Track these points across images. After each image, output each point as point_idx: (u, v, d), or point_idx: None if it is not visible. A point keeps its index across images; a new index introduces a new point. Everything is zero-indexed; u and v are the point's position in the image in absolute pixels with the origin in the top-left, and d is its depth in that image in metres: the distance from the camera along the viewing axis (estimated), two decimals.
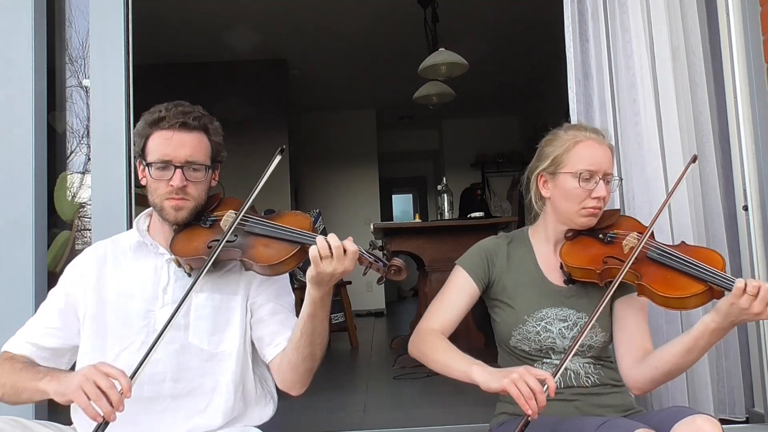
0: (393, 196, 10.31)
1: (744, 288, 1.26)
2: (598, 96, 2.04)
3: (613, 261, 1.44)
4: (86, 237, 2.22)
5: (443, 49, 4.22)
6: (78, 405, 1.12)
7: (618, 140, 2.03)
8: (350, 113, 7.77)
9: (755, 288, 1.26)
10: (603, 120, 2.02)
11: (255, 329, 1.44)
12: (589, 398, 1.46)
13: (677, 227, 1.96)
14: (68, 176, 2.31)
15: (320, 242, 1.23)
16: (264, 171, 1.32)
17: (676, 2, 2.08)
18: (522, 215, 4.55)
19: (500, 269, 1.55)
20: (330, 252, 1.22)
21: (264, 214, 1.42)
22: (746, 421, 1.99)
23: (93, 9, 2.04)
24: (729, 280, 1.31)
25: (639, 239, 1.46)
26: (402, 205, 10.66)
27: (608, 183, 1.49)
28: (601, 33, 2.05)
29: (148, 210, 1.47)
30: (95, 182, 1.98)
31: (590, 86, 2.06)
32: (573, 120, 2.03)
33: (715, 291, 1.35)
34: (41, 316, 1.42)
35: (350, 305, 4.48)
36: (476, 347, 3.34)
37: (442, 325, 1.51)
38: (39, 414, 1.81)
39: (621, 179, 1.99)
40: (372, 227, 3.83)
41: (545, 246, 1.58)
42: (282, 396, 1.49)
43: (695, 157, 1.54)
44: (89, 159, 2.05)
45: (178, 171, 1.35)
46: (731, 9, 2.05)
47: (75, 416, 1.38)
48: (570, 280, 1.51)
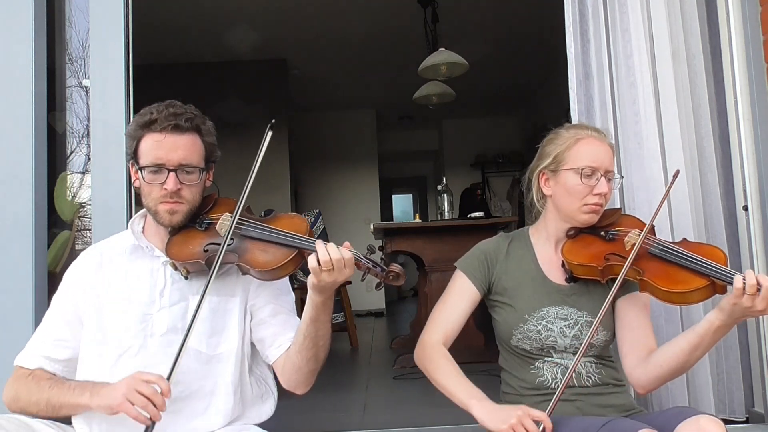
0: (393, 196, 10.32)
1: (743, 287, 1.26)
2: (599, 96, 2.04)
3: (615, 258, 1.45)
4: (86, 237, 2.22)
5: (443, 49, 4.22)
6: (127, 415, 1.18)
7: (618, 140, 2.03)
8: (350, 113, 7.77)
9: (753, 287, 1.26)
10: (604, 120, 2.02)
11: (256, 331, 1.43)
12: (590, 398, 1.46)
13: (678, 227, 1.96)
14: (68, 176, 2.30)
15: (321, 252, 1.22)
16: (258, 152, 1.31)
17: (676, 2, 2.08)
18: (522, 215, 4.56)
19: (500, 270, 1.56)
20: (331, 264, 1.22)
21: (264, 215, 1.41)
22: (746, 421, 1.99)
23: (93, 9, 2.04)
24: (731, 274, 1.31)
25: (640, 235, 1.46)
26: (402, 205, 10.66)
27: (610, 180, 1.50)
28: (602, 33, 2.05)
29: (142, 211, 1.45)
30: (95, 182, 1.98)
31: (591, 86, 2.06)
32: (574, 120, 2.03)
33: (718, 285, 1.35)
34: (48, 328, 1.41)
35: (350, 305, 4.48)
36: (476, 347, 3.34)
37: (446, 334, 1.51)
38: None
39: (622, 177, 1.99)
40: (372, 227, 3.83)
41: (546, 245, 1.58)
42: (282, 396, 1.49)
43: (677, 173, 1.54)
44: (89, 159, 2.05)
45: (172, 174, 1.33)
46: (731, 9, 2.05)
47: (75, 417, 1.37)
48: (572, 278, 1.51)
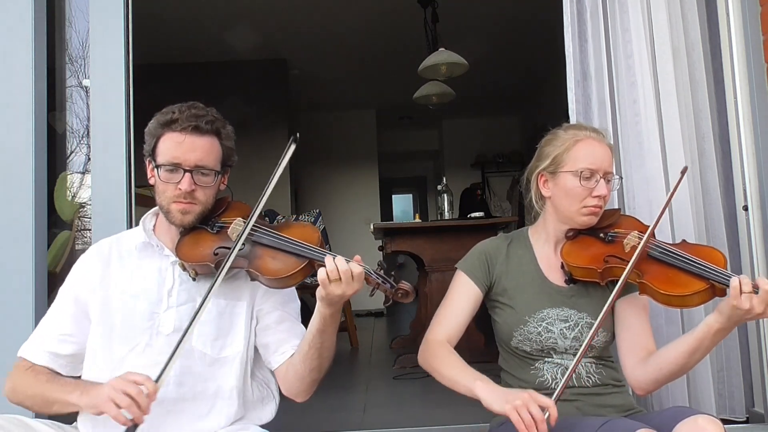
0: (393, 196, 10.32)
1: (740, 289, 1.26)
2: (597, 96, 2.04)
3: (615, 260, 1.44)
4: (86, 237, 2.22)
5: (443, 49, 4.22)
6: (109, 415, 1.16)
7: (618, 140, 2.03)
8: (350, 113, 7.78)
9: (749, 285, 1.26)
10: (602, 120, 2.02)
11: (261, 336, 1.43)
12: (590, 398, 1.46)
13: (678, 227, 1.96)
14: (68, 176, 2.30)
15: (329, 265, 1.22)
16: (277, 165, 1.30)
17: (677, 2, 2.08)
18: (522, 215, 4.56)
19: (500, 270, 1.55)
20: (339, 276, 1.21)
21: (264, 215, 1.41)
22: (746, 421, 1.99)
23: (93, 9, 2.04)
24: (730, 277, 1.31)
25: (640, 238, 1.46)
26: (402, 205, 10.67)
27: (609, 182, 1.50)
28: (601, 33, 2.05)
29: (155, 209, 1.45)
30: (95, 182, 1.98)
31: (589, 86, 2.06)
32: (572, 120, 2.03)
33: (717, 288, 1.35)
34: (54, 322, 1.41)
35: (350, 305, 4.48)
36: (476, 347, 3.34)
37: (449, 334, 1.51)
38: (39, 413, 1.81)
39: (621, 178, 1.99)
40: (372, 227, 3.83)
41: (545, 246, 1.58)
42: (283, 396, 1.49)
43: (686, 169, 1.54)
44: (89, 159, 2.05)
45: (187, 175, 1.33)
46: (731, 9, 2.05)
47: (80, 417, 1.37)
48: (571, 280, 1.50)
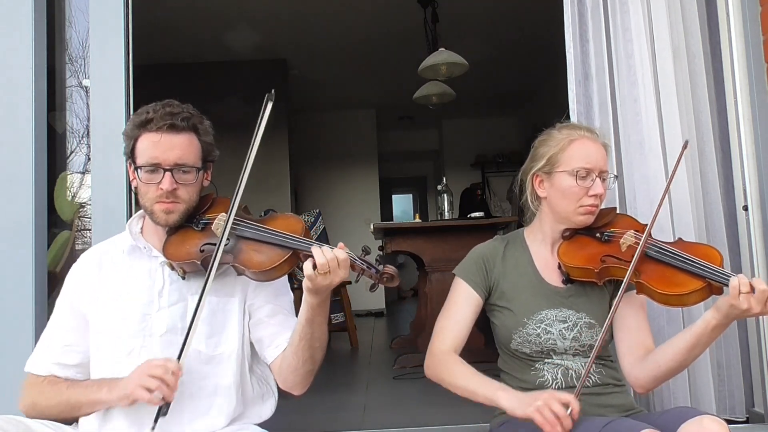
0: (393, 196, 10.32)
1: (738, 289, 1.26)
2: (599, 96, 2.04)
3: (611, 260, 1.44)
4: (86, 237, 2.22)
5: (443, 49, 4.22)
6: (142, 400, 1.20)
7: (619, 139, 2.03)
8: (350, 113, 7.77)
9: (747, 285, 1.26)
10: (603, 120, 2.02)
11: (254, 331, 1.43)
12: (591, 398, 1.45)
13: (678, 227, 1.96)
14: (68, 176, 2.30)
15: (317, 257, 1.22)
16: (257, 127, 1.31)
17: (677, 2, 2.08)
18: (521, 216, 4.55)
19: (498, 273, 1.55)
20: (327, 268, 1.22)
21: (264, 215, 1.41)
22: (746, 421, 1.99)
23: (93, 9, 2.04)
24: (727, 276, 1.32)
25: (637, 237, 1.46)
26: (402, 205, 10.67)
27: (604, 180, 1.50)
28: (602, 33, 2.05)
29: (141, 212, 1.45)
30: (95, 182, 1.98)
31: (590, 86, 2.06)
32: (573, 120, 2.03)
33: (714, 287, 1.35)
34: (55, 334, 1.41)
35: (350, 305, 4.48)
36: (476, 347, 3.33)
37: (454, 343, 1.50)
38: None
39: (616, 176, 1.99)
40: (372, 227, 3.83)
41: (542, 247, 1.58)
42: (282, 396, 1.49)
43: (686, 143, 1.54)
44: (89, 159, 2.05)
45: (168, 174, 1.32)
46: (731, 9, 2.05)
47: (82, 418, 1.37)
48: (568, 280, 1.50)
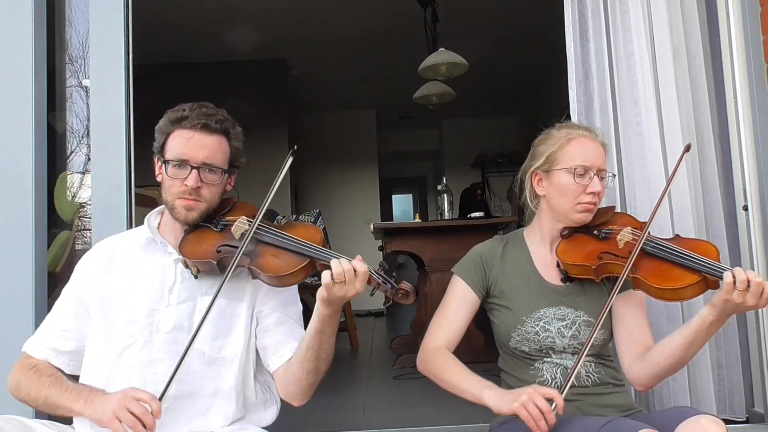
0: (393, 196, 10.32)
1: (733, 283, 1.27)
2: (599, 96, 2.04)
3: (608, 256, 1.45)
4: (86, 237, 2.22)
5: (443, 49, 4.22)
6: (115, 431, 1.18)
7: (619, 139, 2.03)
8: (350, 113, 7.77)
9: (744, 283, 1.26)
10: (604, 120, 2.03)
11: (260, 338, 1.43)
12: (590, 398, 1.46)
13: (678, 227, 1.95)
14: (68, 176, 2.30)
15: (335, 267, 1.23)
16: (277, 175, 1.33)
17: (677, 2, 2.08)
18: (521, 215, 4.55)
19: (496, 272, 1.56)
20: (344, 278, 1.22)
21: (265, 215, 1.42)
22: (746, 421, 1.99)
23: (93, 9, 2.04)
24: (721, 270, 1.32)
25: (635, 234, 1.47)
26: (402, 205, 10.67)
27: (602, 179, 1.50)
28: (602, 32, 2.06)
29: (160, 207, 1.47)
30: (95, 182, 1.98)
31: (591, 86, 2.06)
32: (573, 119, 2.03)
33: (710, 281, 1.36)
34: (56, 318, 1.42)
35: (350, 305, 4.48)
36: (476, 347, 3.34)
37: (448, 340, 1.51)
38: (39, 413, 1.81)
39: (614, 175, 1.99)
40: (372, 227, 3.83)
41: (541, 246, 1.58)
42: (283, 400, 1.49)
43: (689, 146, 1.56)
44: (89, 159, 2.05)
45: (194, 171, 1.35)
46: (731, 9, 2.05)
47: (76, 418, 1.37)
48: (567, 278, 1.51)
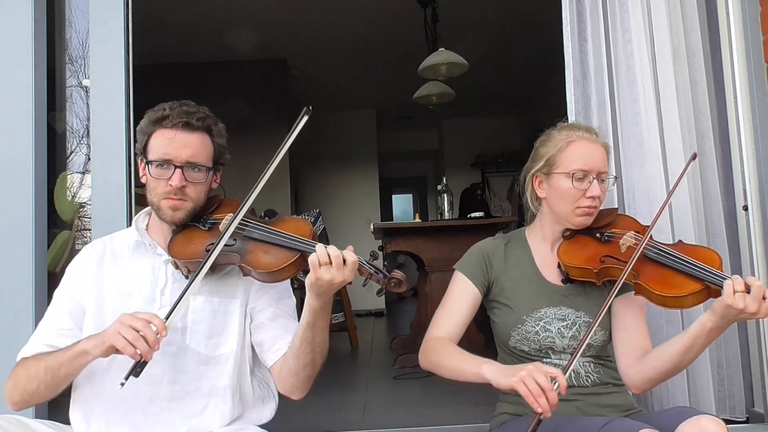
0: (393, 196, 10.32)
1: (733, 288, 1.26)
2: (597, 96, 2.04)
3: (611, 260, 1.44)
4: (86, 237, 2.22)
5: (443, 49, 4.22)
6: (117, 346, 1.16)
7: (618, 140, 2.03)
8: (350, 113, 7.77)
9: (743, 285, 1.26)
10: (601, 119, 2.03)
11: (255, 334, 1.43)
12: (590, 398, 1.46)
13: (678, 228, 1.96)
14: (68, 176, 2.31)
15: (320, 249, 1.22)
16: (288, 135, 1.32)
17: (677, 2, 2.08)
18: (522, 215, 4.55)
19: (498, 270, 1.55)
20: (329, 259, 1.21)
21: (264, 214, 1.41)
22: (746, 421, 1.99)
23: (93, 9, 2.04)
24: (723, 278, 1.32)
25: (637, 238, 1.46)
26: (402, 205, 10.67)
27: (603, 182, 1.49)
28: (600, 32, 2.06)
29: (147, 209, 1.46)
30: (95, 182, 1.98)
31: (588, 86, 2.06)
32: (571, 119, 2.03)
33: (712, 289, 1.35)
34: (51, 320, 1.41)
35: (350, 305, 4.48)
36: (476, 348, 3.32)
37: (449, 333, 1.51)
38: (39, 413, 1.81)
39: (616, 177, 1.99)
40: (372, 227, 3.83)
41: (543, 245, 1.58)
42: (282, 397, 1.49)
43: (695, 155, 1.55)
44: (89, 159, 2.05)
45: (178, 171, 1.33)
46: (731, 9, 2.05)
47: (72, 415, 1.38)
48: (567, 280, 1.51)
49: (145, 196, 1.42)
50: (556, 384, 1.19)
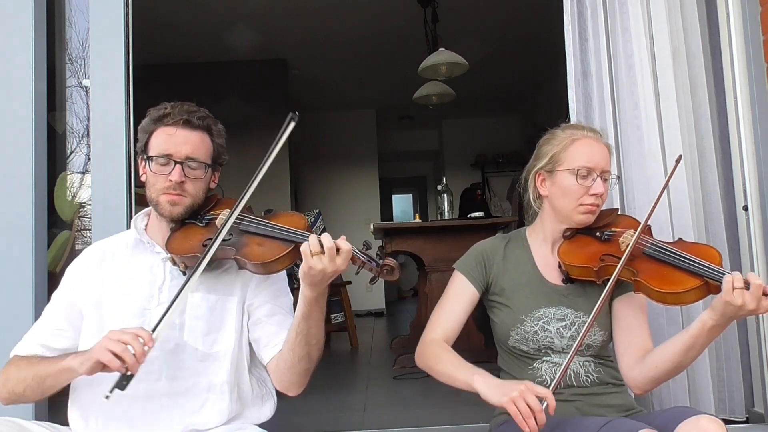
0: (393, 196, 10.32)
1: (732, 284, 1.26)
2: (598, 95, 2.04)
3: (611, 258, 1.45)
4: (86, 237, 2.22)
5: (443, 49, 4.22)
6: (102, 361, 1.16)
7: (618, 140, 2.03)
8: (350, 113, 7.77)
9: (740, 280, 1.26)
10: (602, 120, 2.03)
11: (252, 330, 1.44)
12: (590, 398, 1.46)
13: (678, 228, 1.96)
14: (68, 176, 2.30)
15: (312, 239, 1.23)
16: (274, 142, 1.29)
17: (677, 2, 2.08)
18: (522, 215, 4.55)
19: (497, 270, 1.56)
20: (321, 249, 1.22)
21: (264, 214, 1.42)
22: (746, 421, 1.99)
23: (93, 9, 2.04)
24: (723, 274, 1.32)
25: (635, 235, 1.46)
26: (402, 205, 10.67)
27: (606, 180, 1.50)
28: (601, 33, 2.06)
29: (147, 209, 1.48)
30: (95, 182, 1.98)
31: (589, 86, 2.07)
32: (573, 120, 2.03)
33: (712, 285, 1.35)
34: (47, 319, 1.42)
35: (350, 305, 4.48)
36: (476, 348, 3.34)
37: (446, 333, 1.51)
38: (38, 414, 1.81)
39: (619, 177, 1.99)
40: (372, 227, 3.83)
41: (543, 245, 1.58)
42: (282, 395, 1.49)
43: (680, 157, 1.55)
44: (89, 159, 2.05)
45: (178, 166, 1.36)
46: (731, 9, 2.05)
47: (71, 414, 1.38)
48: (568, 279, 1.51)
49: (145, 197, 1.43)
50: (545, 404, 1.20)
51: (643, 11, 2.04)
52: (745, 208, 2.00)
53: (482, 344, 3.39)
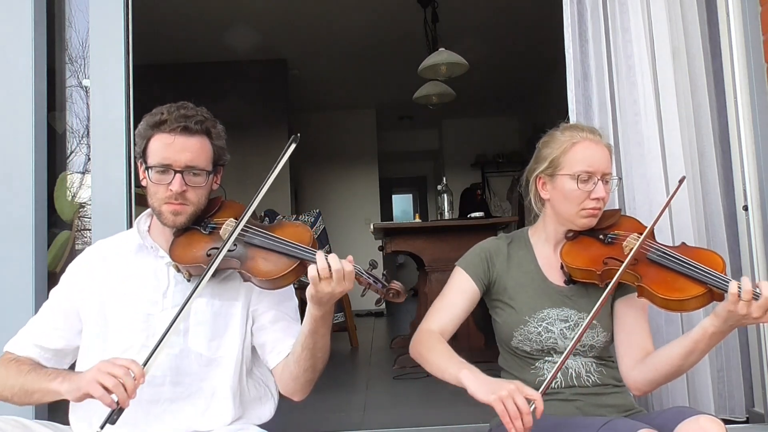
0: (393, 196, 10.32)
1: (738, 294, 1.25)
2: (598, 96, 2.04)
3: (614, 262, 1.43)
4: (86, 237, 2.22)
5: (443, 49, 4.22)
6: (94, 396, 1.15)
7: (618, 140, 2.03)
8: (350, 113, 7.77)
9: (749, 293, 1.25)
10: (602, 120, 2.03)
11: (257, 336, 1.43)
12: (590, 398, 1.46)
13: (677, 228, 1.96)
14: (68, 176, 2.30)
15: (320, 262, 1.21)
16: (275, 164, 1.30)
17: (676, 2, 2.08)
18: (522, 215, 4.55)
19: (500, 269, 1.55)
20: (329, 273, 1.20)
21: (264, 214, 1.41)
22: (746, 421, 1.99)
23: (93, 9, 2.04)
24: (727, 281, 1.30)
25: (638, 240, 1.46)
26: (402, 205, 10.67)
27: (607, 183, 1.49)
28: (601, 33, 2.06)
29: (148, 211, 1.45)
30: (95, 182, 1.98)
31: (589, 86, 2.06)
32: (572, 120, 2.03)
33: (715, 293, 1.34)
34: (44, 317, 1.41)
35: (350, 305, 4.48)
36: (477, 347, 3.34)
37: (442, 326, 1.50)
38: (39, 414, 1.81)
39: (620, 178, 1.99)
40: (372, 227, 3.83)
41: (545, 246, 1.58)
42: (282, 396, 1.49)
43: (683, 179, 1.53)
44: (89, 159, 2.05)
45: (178, 176, 1.33)
46: (731, 9, 2.05)
47: (72, 416, 1.38)
48: (570, 281, 1.50)
49: (146, 197, 1.42)
50: (533, 406, 1.17)
51: (643, 11, 2.04)
52: (745, 208, 2.00)
53: (482, 344, 3.39)
